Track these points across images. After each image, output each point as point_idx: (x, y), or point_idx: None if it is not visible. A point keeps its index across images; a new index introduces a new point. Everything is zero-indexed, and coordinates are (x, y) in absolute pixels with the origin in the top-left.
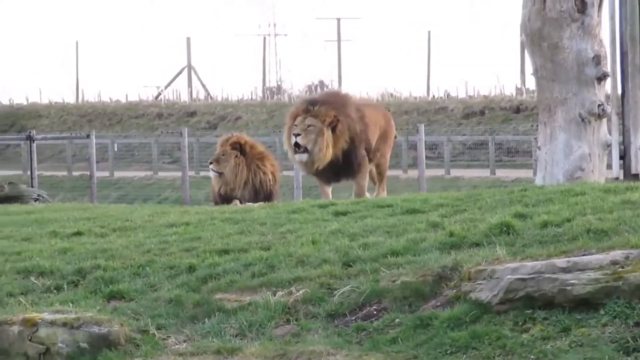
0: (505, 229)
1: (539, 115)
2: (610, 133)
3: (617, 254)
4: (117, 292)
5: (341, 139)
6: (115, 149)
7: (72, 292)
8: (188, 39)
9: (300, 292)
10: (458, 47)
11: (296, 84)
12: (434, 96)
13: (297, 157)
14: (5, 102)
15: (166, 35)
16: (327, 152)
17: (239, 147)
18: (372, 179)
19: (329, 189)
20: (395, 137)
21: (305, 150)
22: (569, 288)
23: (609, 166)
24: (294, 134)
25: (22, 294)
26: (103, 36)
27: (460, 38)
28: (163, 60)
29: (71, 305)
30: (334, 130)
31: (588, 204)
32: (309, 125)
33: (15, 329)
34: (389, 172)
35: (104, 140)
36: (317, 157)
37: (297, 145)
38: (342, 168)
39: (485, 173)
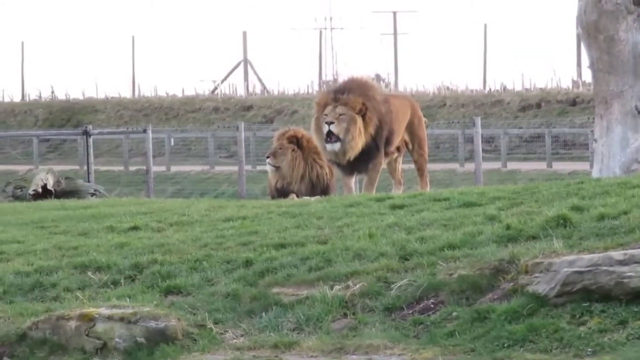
0: (562, 221)
1: (596, 108)
2: None
3: None
4: (174, 286)
5: (370, 125)
6: (172, 144)
7: (129, 287)
8: (244, 33)
9: (358, 285)
10: (514, 40)
11: None
12: (490, 89)
13: (329, 146)
14: (62, 96)
15: (222, 29)
16: (359, 141)
17: (296, 141)
18: (391, 173)
19: (352, 182)
20: (427, 124)
21: (338, 140)
22: (626, 281)
23: None
24: (326, 123)
25: (79, 289)
26: (159, 30)
27: (517, 31)
28: (219, 55)
29: (128, 300)
30: (363, 117)
31: None
32: (340, 114)
33: (73, 324)
34: (445, 166)
35: (160, 135)
36: (350, 145)
37: (329, 134)
38: (367, 157)
39: (541, 166)
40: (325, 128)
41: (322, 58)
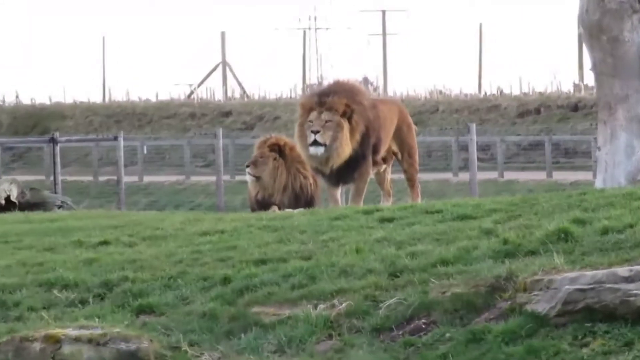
0: (563, 235)
1: (599, 114)
2: None
3: None
4: (147, 305)
5: (357, 130)
6: (145, 152)
7: (98, 306)
8: (223, 34)
9: (344, 304)
10: (512, 40)
11: None
12: (486, 93)
13: (312, 149)
14: (27, 101)
15: (199, 29)
16: (346, 148)
17: (278, 149)
18: (380, 184)
19: (337, 193)
20: (417, 131)
21: (323, 146)
22: (632, 299)
23: None
24: (312, 131)
25: (44, 308)
26: (131, 31)
27: (514, 31)
28: (196, 57)
29: (97, 320)
30: (349, 121)
31: None
32: (326, 122)
33: (37, 346)
34: (438, 175)
35: (132, 143)
36: (336, 152)
37: (315, 142)
38: (354, 166)
39: (541, 176)
40: (311, 137)
41: (306, 60)
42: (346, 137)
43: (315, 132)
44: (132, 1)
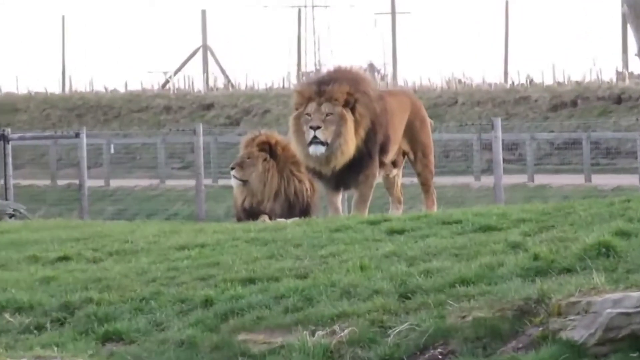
0: (604, 250)
1: None
2: None
3: None
4: (114, 332)
5: (362, 124)
6: (112, 152)
7: (57, 333)
8: (203, 13)
9: (346, 331)
10: (543, 21)
11: None
12: (513, 83)
13: (312, 149)
14: None
15: (176, 8)
16: (351, 145)
17: (268, 148)
18: (388, 189)
19: (338, 200)
20: (433, 127)
21: (324, 144)
22: None
23: None
24: (311, 127)
25: None
26: (96, 9)
27: (546, 10)
28: (172, 40)
29: (56, 349)
30: (352, 111)
31: None
32: (327, 115)
33: None
34: (457, 179)
35: (97, 140)
36: (339, 151)
37: (315, 139)
38: (357, 167)
39: (578, 179)
40: (310, 134)
41: (302, 44)
42: (351, 132)
43: (316, 128)
44: None
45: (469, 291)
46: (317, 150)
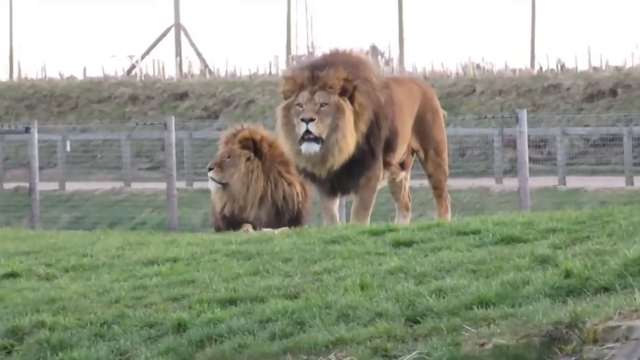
0: None
1: None
2: None
3: None
4: None
5: (363, 117)
6: (68, 149)
7: None
8: None
9: None
10: None
11: None
12: (541, 68)
13: (306, 147)
14: None
15: None
16: (350, 140)
17: (252, 146)
18: (394, 194)
19: (335, 206)
20: (446, 120)
21: (319, 140)
22: None
23: None
24: (302, 120)
25: None
26: None
27: None
28: (139, 18)
29: None
30: (351, 101)
31: None
32: (322, 105)
33: None
34: (474, 182)
35: (50, 136)
36: (337, 148)
37: (307, 133)
38: (358, 167)
39: (618, 182)
40: (302, 127)
41: (292, 23)
42: (350, 125)
43: (308, 121)
44: None
45: (489, 314)
46: (311, 148)
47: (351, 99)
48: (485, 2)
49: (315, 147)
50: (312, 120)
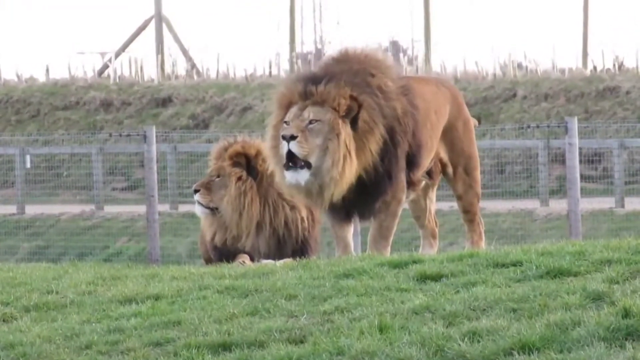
0: None
1: None
2: None
3: None
4: None
5: (374, 133)
6: (28, 165)
7: None
8: None
9: None
10: None
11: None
12: (595, 68)
13: (290, 176)
14: None
15: None
16: (347, 169)
17: (245, 162)
18: (417, 218)
19: (348, 233)
20: (476, 128)
21: (306, 166)
22: None
23: None
24: (283, 137)
25: None
26: None
27: None
28: (113, 9)
29: None
30: (354, 123)
31: None
32: (311, 121)
33: None
34: (515, 203)
35: (7, 150)
36: (330, 177)
37: (290, 156)
38: (373, 191)
39: None
40: (284, 147)
41: (297, 14)
42: (343, 148)
43: (289, 139)
44: None
45: None
46: (296, 177)
47: (354, 120)
48: None
49: (302, 176)
50: (293, 138)
